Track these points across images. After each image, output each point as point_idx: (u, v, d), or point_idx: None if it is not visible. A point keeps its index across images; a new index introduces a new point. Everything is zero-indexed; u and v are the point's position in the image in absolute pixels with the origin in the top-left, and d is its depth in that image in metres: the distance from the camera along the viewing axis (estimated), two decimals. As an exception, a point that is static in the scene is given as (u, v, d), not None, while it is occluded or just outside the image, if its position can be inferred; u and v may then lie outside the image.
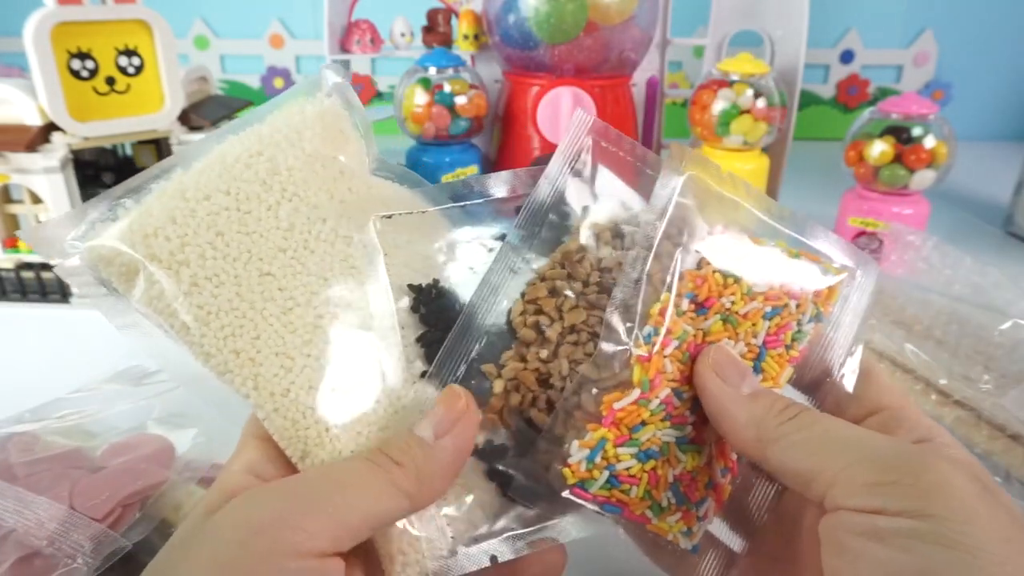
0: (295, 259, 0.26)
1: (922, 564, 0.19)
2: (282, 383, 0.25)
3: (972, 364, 0.45)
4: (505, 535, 0.26)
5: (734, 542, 0.28)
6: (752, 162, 0.74)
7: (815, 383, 0.28)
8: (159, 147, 0.72)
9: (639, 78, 0.84)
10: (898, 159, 0.67)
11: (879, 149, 0.67)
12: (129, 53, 0.63)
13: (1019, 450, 0.41)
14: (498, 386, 0.26)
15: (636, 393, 0.25)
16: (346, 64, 0.90)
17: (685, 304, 0.26)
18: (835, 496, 0.21)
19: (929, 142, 0.66)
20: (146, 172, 0.27)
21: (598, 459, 0.25)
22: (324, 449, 0.25)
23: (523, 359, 0.27)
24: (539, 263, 0.28)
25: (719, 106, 0.71)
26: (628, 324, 0.26)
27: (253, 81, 1.23)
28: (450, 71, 0.76)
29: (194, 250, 0.25)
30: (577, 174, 0.28)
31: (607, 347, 0.26)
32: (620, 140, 0.29)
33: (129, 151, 0.75)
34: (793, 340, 0.27)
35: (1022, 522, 0.20)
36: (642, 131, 0.87)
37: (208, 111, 0.70)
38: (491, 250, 0.29)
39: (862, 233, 0.71)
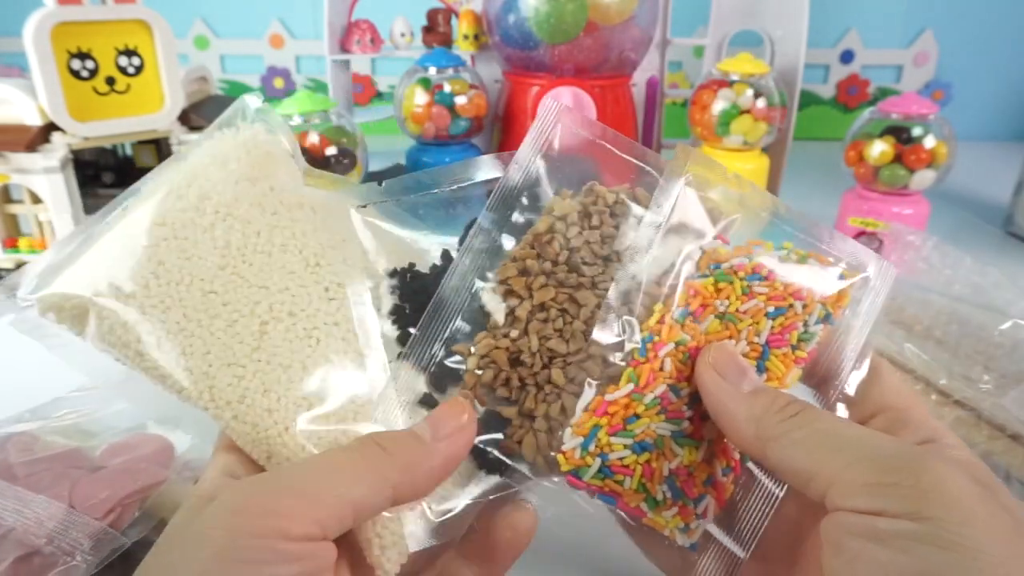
0: (235, 274, 0.27)
1: (920, 566, 0.19)
2: (236, 391, 0.26)
3: (972, 364, 0.45)
4: (477, 503, 0.27)
5: (736, 548, 0.28)
6: (752, 162, 0.75)
7: (824, 383, 0.28)
8: (159, 147, 0.73)
9: (639, 78, 0.85)
10: (898, 159, 0.67)
11: (879, 149, 0.67)
12: (129, 53, 0.64)
13: (1019, 450, 0.41)
14: (471, 363, 0.27)
15: (629, 387, 0.26)
16: (346, 64, 0.90)
17: (679, 315, 0.27)
18: (834, 496, 0.21)
19: (929, 142, 0.66)
20: (88, 220, 0.28)
21: (592, 447, 0.26)
22: (287, 447, 0.26)
23: (495, 339, 0.27)
24: (510, 244, 0.28)
25: (719, 106, 0.71)
26: (626, 317, 0.26)
27: (253, 81, 1.23)
28: (450, 71, 0.77)
29: (138, 282, 0.26)
30: (546, 158, 0.29)
31: (602, 338, 0.26)
32: (591, 125, 0.29)
33: (129, 151, 0.76)
34: (800, 341, 0.27)
35: (1022, 523, 0.20)
36: (642, 131, 0.87)
37: (208, 111, 0.70)
38: (464, 234, 0.29)
39: (862, 233, 0.71)
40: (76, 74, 0.61)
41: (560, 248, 0.28)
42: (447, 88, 0.76)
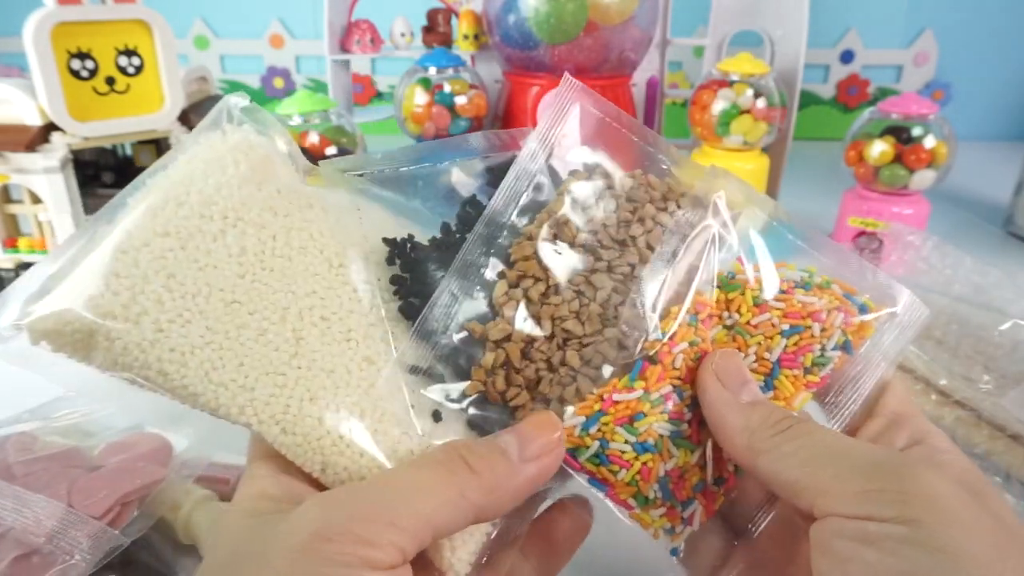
0: (256, 281, 0.26)
1: (907, 567, 0.19)
2: (280, 402, 0.25)
3: (972, 364, 0.45)
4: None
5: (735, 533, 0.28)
6: (752, 162, 0.75)
7: (832, 411, 0.28)
8: (159, 147, 0.72)
9: (639, 78, 0.85)
10: (898, 159, 0.67)
11: (879, 149, 0.67)
12: (129, 53, 0.63)
13: (1019, 450, 0.41)
14: (488, 360, 0.26)
15: (639, 393, 0.26)
16: (346, 64, 0.90)
17: (690, 319, 0.27)
18: (824, 504, 0.22)
19: (929, 142, 0.66)
20: (66, 241, 0.26)
21: (593, 429, 0.25)
22: (344, 456, 0.25)
23: (509, 324, 0.27)
24: (523, 223, 0.28)
25: (719, 106, 0.71)
26: (652, 313, 0.26)
27: (253, 81, 1.23)
28: (450, 71, 0.77)
29: (148, 297, 0.24)
30: (562, 138, 0.29)
31: (627, 330, 0.26)
32: (606, 106, 0.29)
33: (129, 151, 0.76)
34: (814, 365, 0.27)
35: (1009, 526, 0.21)
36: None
37: (208, 111, 0.69)
38: (462, 209, 0.29)
39: (862, 233, 0.71)
40: (76, 74, 0.61)
41: (576, 230, 0.28)
42: (447, 88, 0.76)
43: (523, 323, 0.27)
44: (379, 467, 0.25)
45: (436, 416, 0.26)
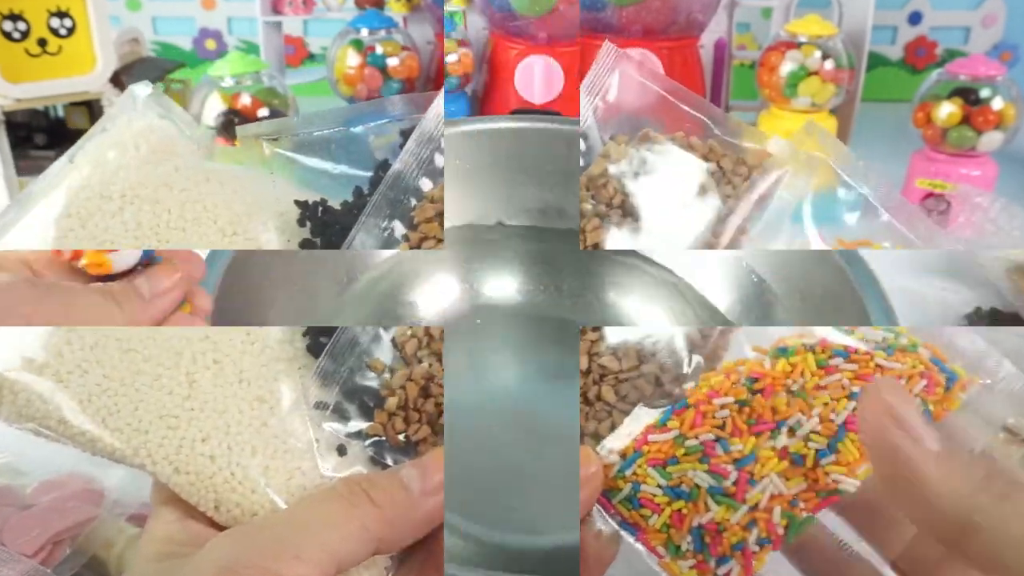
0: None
1: None
2: (172, 443, 0.27)
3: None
4: None
5: None
6: (820, 124, 0.76)
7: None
8: (91, 108, 0.76)
9: (707, 40, 0.89)
10: (966, 121, 0.72)
11: (947, 111, 0.72)
12: (61, 15, 0.67)
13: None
14: (391, 404, 0.29)
15: (674, 433, 0.26)
16: (278, 26, 0.94)
17: (742, 380, 0.27)
18: None
19: (997, 104, 0.71)
20: None
21: (628, 472, 0.26)
22: (235, 492, 0.28)
23: (409, 367, 0.30)
24: (428, 188, 0.31)
25: (787, 68, 0.77)
26: (694, 355, 0.28)
27: (185, 43, 1.26)
28: (382, 32, 0.81)
29: (51, 351, 0.27)
30: (603, 104, 0.31)
31: (663, 367, 0.28)
32: (649, 72, 0.31)
33: (61, 113, 0.80)
34: None
35: None
36: (710, 93, 0.91)
37: (140, 73, 0.74)
38: (375, 175, 0.32)
39: (930, 195, 0.75)
40: (7, 35, 0.65)
41: (615, 191, 0.30)
42: (379, 50, 0.80)
43: (422, 360, 0.29)
44: (271, 503, 0.28)
45: (341, 450, 0.29)
